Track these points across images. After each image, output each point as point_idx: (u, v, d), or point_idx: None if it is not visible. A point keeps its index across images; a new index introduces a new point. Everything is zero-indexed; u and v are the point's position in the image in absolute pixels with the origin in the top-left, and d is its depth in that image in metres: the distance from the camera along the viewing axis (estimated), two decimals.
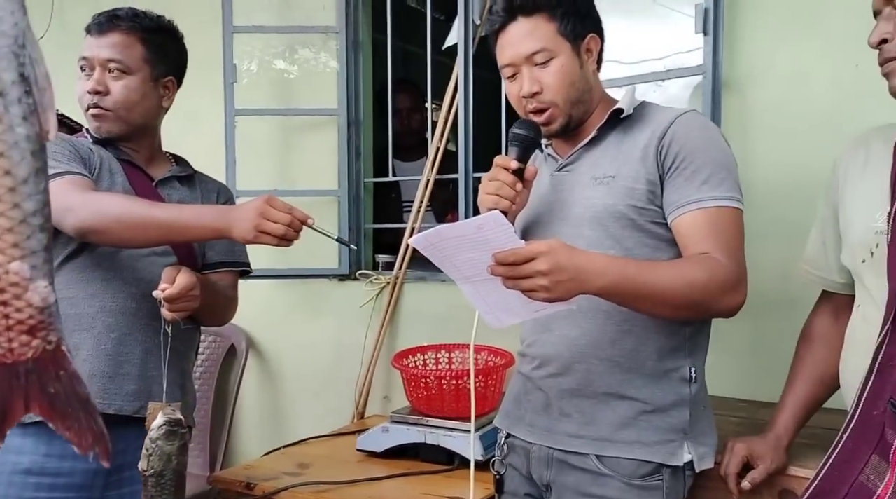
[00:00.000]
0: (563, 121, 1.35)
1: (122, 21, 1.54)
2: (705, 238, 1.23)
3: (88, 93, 1.53)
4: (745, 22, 2.00)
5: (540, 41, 1.31)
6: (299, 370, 2.84)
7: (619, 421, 1.32)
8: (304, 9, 2.75)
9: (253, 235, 1.35)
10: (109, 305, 1.52)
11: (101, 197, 1.44)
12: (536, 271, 1.09)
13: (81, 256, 1.52)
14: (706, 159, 1.26)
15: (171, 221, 1.40)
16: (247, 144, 2.69)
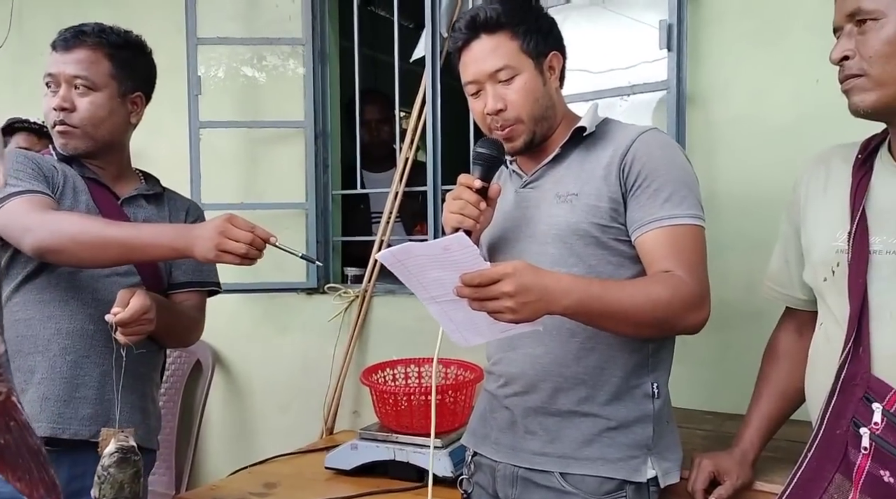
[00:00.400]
0: (526, 138, 1.35)
1: (88, 37, 1.52)
2: (668, 256, 1.24)
3: (54, 110, 1.51)
4: (709, 38, 2.03)
5: (503, 58, 1.32)
6: (267, 386, 2.81)
7: (583, 438, 1.33)
8: (269, 20, 2.72)
9: (214, 254, 1.33)
10: (66, 327, 1.49)
11: (59, 216, 1.41)
12: (502, 293, 1.09)
13: (40, 277, 1.49)
14: (668, 178, 1.27)
15: (129, 240, 1.37)
16: (212, 156, 2.66)
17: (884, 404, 1.06)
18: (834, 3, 1.15)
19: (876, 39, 1.07)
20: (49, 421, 1.46)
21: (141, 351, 1.46)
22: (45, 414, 1.46)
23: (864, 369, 1.09)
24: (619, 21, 2.15)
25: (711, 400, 2.03)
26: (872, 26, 1.07)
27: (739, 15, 1.99)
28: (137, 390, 1.56)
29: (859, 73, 1.09)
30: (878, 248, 1.12)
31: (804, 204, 1.29)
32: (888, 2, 1.06)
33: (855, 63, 1.10)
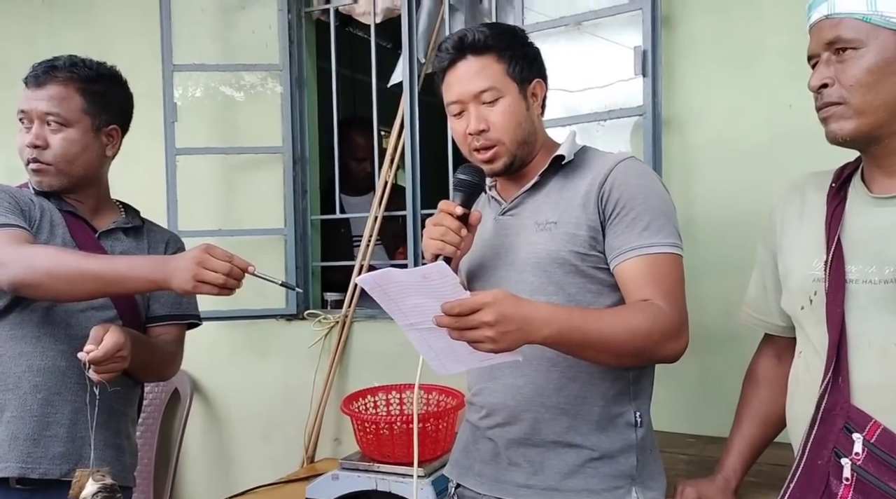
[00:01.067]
0: (507, 160, 1.35)
1: (59, 72, 1.50)
2: (646, 285, 1.25)
3: (28, 146, 1.49)
4: (683, 63, 2.06)
5: (489, 80, 1.32)
6: (246, 414, 2.77)
7: (567, 469, 1.32)
8: (246, 46, 2.71)
9: (192, 285, 1.31)
10: (37, 364, 1.46)
11: (34, 250, 1.40)
12: (482, 322, 1.08)
13: (13, 312, 1.47)
14: (646, 207, 1.28)
15: (106, 273, 1.35)
16: (189, 182, 2.63)
17: (864, 435, 1.06)
18: (808, 30, 1.16)
19: (856, 68, 1.08)
20: (18, 460, 1.43)
21: (115, 388, 1.43)
22: (14, 453, 1.43)
23: (843, 399, 1.10)
24: (595, 43, 2.17)
25: (693, 423, 2.03)
26: (852, 55, 1.08)
27: (713, 41, 2.02)
28: (111, 427, 1.53)
29: (839, 101, 1.10)
30: (854, 277, 1.13)
31: (780, 231, 1.30)
32: (867, 31, 1.07)
33: (834, 91, 1.10)
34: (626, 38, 2.08)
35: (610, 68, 2.08)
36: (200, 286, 1.31)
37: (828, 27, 1.10)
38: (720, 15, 2.02)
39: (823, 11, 1.11)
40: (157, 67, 2.62)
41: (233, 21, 2.73)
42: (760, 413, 1.41)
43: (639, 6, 2.00)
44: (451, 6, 2.45)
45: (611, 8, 2.07)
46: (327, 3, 2.68)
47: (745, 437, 1.42)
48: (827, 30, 1.10)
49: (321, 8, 2.71)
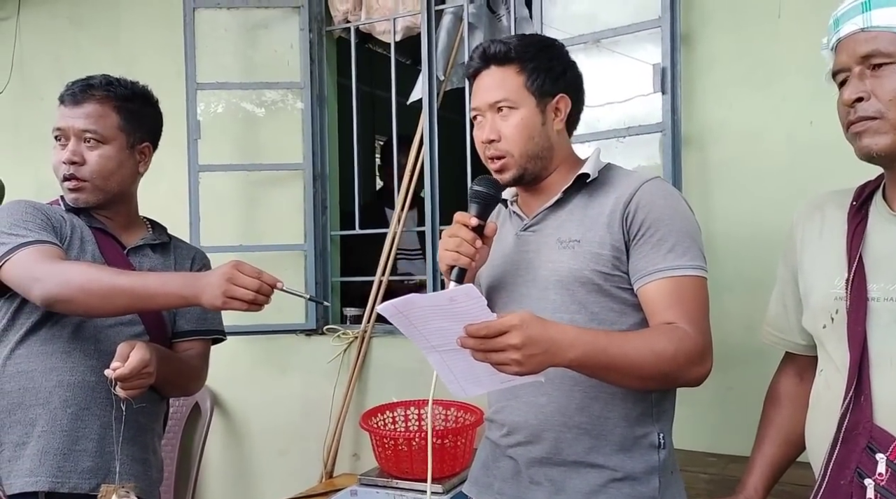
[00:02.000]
0: (515, 172, 1.35)
1: (96, 90, 1.53)
2: (670, 307, 1.24)
3: (64, 163, 1.51)
4: (703, 81, 2.06)
5: (505, 92, 1.33)
6: (266, 428, 2.78)
7: (589, 489, 1.30)
8: (268, 64, 2.76)
9: (221, 301, 1.31)
10: (67, 379, 1.48)
11: (67, 266, 1.41)
12: (509, 345, 1.07)
13: (44, 328, 1.49)
14: (671, 228, 1.27)
15: (137, 289, 1.37)
16: (211, 199, 2.67)
17: (888, 455, 1.05)
18: (833, 45, 1.15)
19: (894, 82, 1.06)
20: (48, 475, 1.44)
21: (142, 405, 1.45)
22: (45, 468, 1.44)
23: (865, 418, 1.08)
24: (614, 60, 2.17)
25: (714, 442, 2.01)
26: (891, 69, 1.06)
27: (732, 58, 2.02)
28: (138, 442, 1.54)
29: (875, 116, 1.07)
30: (876, 295, 1.12)
31: (800, 250, 1.29)
32: None
33: (871, 105, 1.08)
34: (645, 55, 2.08)
35: (629, 85, 2.08)
36: (230, 302, 1.32)
37: (863, 41, 1.08)
38: (740, 33, 2.02)
39: (859, 24, 1.08)
40: (180, 85, 2.66)
41: (255, 40, 2.77)
42: (782, 432, 1.40)
43: (658, 24, 2.01)
44: (470, 24, 2.47)
45: (630, 25, 2.08)
46: (348, 22, 2.72)
47: (766, 456, 1.40)
48: (862, 43, 1.08)
49: (342, 27, 2.75)
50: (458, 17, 2.52)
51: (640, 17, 2.07)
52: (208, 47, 2.70)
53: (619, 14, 2.14)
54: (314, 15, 2.71)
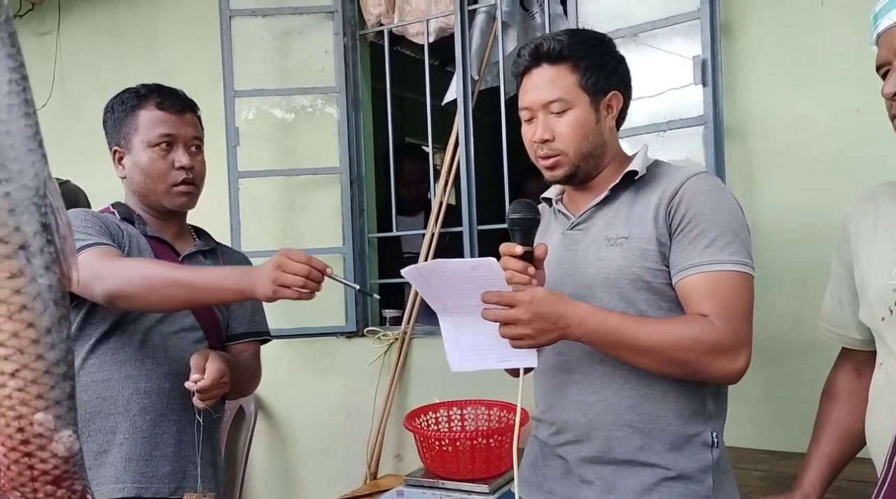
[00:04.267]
0: (568, 170, 1.34)
1: (187, 103, 1.61)
2: (703, 301, 1.22)
3: (183, 168, 1.55)
4: (744, 72, 2.03)
5: (559, 91, 1.31)
6: (309, 431, 2.81)
7: (642, 488, 1.29)
8: (303, 70, 2.78)
9: (272, 290, 1.30)
10: (144, 386, 1.51)
11: (128, 262, 1.45)
12: (518, 319, 1.15)
13: (113, 336, 1.51)
14: (712, 222, 1.25)
15: (196, 282, 1.38)
16: (250, 204, 2.70)
17: None
18: (875, 38, 1.14)
19: None
20: (133, 481, 1.47)
21: (218, 415, 1.49)
22: (129, 474, 1.47)
23: None
24: (652, 54, 2.14)
25: (765, 438, 1.98)
26: None
27: (774, 48, 1.99)
28: (208, 445, 1.57)
29: None
30: None
31: (854, 243, 1.27)
32: None
33: None
34: (683, 48, 2.06)
35: (668, 78, 2.06)
36: (281, 291, 1.30)
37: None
38: (780, 23, 1.98)
39: (894, 18, 1.08)
40: (218, 93, 2.70)
41: (290, 46, 2.80)
42: (840, 428, 1.37)
43: (697, 16, 1.99)
44: (504, 23, 2.46)
45: (667, 18, 2.05)
46: (381, 25, 2.73)
47: (823, 453, 1.38)
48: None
49: (375, 30, 2.76)
50: (492, 16, 2.52)
51: (678, 10, 2.04)
52: (244, 55, 2.73)
53: (655, 7, 2.11)
54: (348, 19, 2.72)
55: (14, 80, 0.48)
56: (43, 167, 0.49)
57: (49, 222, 0.49)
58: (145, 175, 1.55)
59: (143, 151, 1.54)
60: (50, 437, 0.51)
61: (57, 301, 0.50)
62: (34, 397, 0.50)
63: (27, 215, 0.48)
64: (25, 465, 0.51)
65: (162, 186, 1.55)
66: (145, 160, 1.54)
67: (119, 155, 1.58)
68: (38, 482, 0.52)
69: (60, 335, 0.51)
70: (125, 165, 1.57)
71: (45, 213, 0.49)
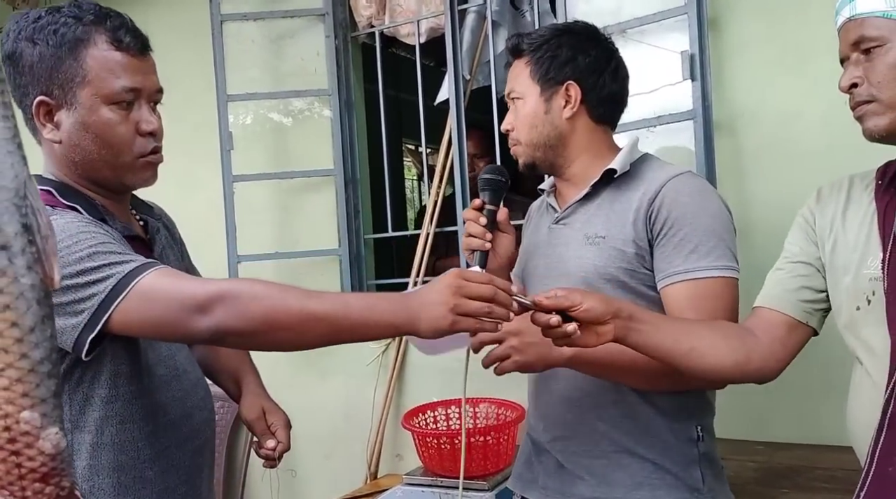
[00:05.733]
0: (524, 160, 1.40)
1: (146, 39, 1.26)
2: (686, 311, 1.22)
3: (152, 134, 1.20)
4: (732, 66, 2.03)
5: (513, 83, 1.39)
6: (309, 432, 2.80)
7: (633, 481, 1.30)
8: (295, 73, 2.79)
9: (451, 321, 1.01)
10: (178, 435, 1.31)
11: (230, 287, 1.06)
12: (506, 332, 1.16)
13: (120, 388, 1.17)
14: (695, 227, 1.24)
15: (337, 317, 1.04)
16: (246, 207, 2.71)
17: None
18: (838, 35, 1.16)
19: (882, 65, 1.08)
20: None
21: None
22: None
23: None
24: (640, 49, 2.15)
25: (760, 430, 1.99)
26: (878, 52, 1.08)
27: (762, 42, 2.00)
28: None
29: (869, 100, 1.10)
30: None
31: (820, 231, 1.26)
32: (890, 28, 1.07)
33: (864, 90, 1.10)
34: (671, 44, 2.06)
35: (658, 74, 2.06)
36: (461, 321, 1.01)
37: (852, 28, 1.11)
38: (768, 16, 1.99)
39: (846, 14, 1.12)
40: (211, 98, 2.71)
41: (282, 50, 2.81)
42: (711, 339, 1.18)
43: (684, 10, 1.99)
44: (494, 21, 2.47)
45: (655, 14, 2.06)
46: (372, 27, 2.74)
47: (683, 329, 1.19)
48: (852, 31, 1.11)
49: (367, 32, 2.77)
50: (482, 15, 2.53)
51: (665, 6, 2.05)
52: (236, 59, 2.74)
53: (643, 3, 2.12)
54: (339, 21, 2.74)
55: None
56: (22, 169, 0.50)
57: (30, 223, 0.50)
58: (101, 142, 1.15)
59: (95, 108, 1.13)
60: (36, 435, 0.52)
61: (40, 300, 0.51)
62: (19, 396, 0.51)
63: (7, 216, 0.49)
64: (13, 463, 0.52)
65: (126, 158, 1.18)
66: (101, 122, 1.13)
67: (46, 109, 1.13)
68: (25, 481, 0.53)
69: (44, 334, 0.52)
70: (59, 123, 1.14)
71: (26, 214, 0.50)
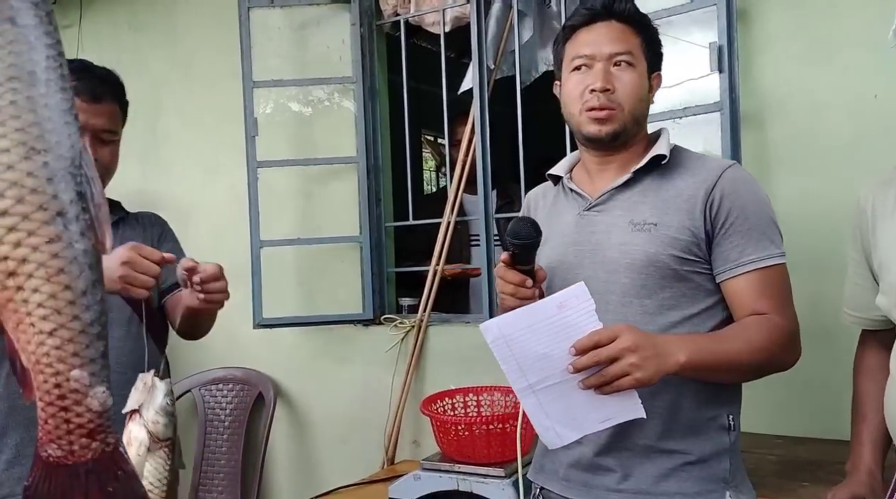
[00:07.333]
0: (618, 127, 1.31)
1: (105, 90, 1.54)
2: (760, 298, 1.24)
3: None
4: (761, 58, 2.02)
5: (629, 46, 1.32)
6: (327, 417, 2.84)
7: (660, 473, 1.29)
8: (320, 61, 2.80)
9: None
10: None
11: None
12: (623, 349, 1.08)
13: None
14: (759, 216, 1.26)
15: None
16: (269, 194, 2.73)
17: None
18: None
19: None
20: None
21: None
22: None
23: None
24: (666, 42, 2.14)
25: (780, 424, 1.98)
26: None
27: (791, 34, 1.98)
28: None
29: None
30: None
31: (871, 227, 1.27)
32: None
33: None
34: (698, 36, 2.05)
35: (685, 65, 2.05)
36: None
37: None
38: (797, 9, 1.98)
39: None
40: (236, 85, 2.73)
41: (308, 37, 2.83)
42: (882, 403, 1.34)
43: (713, 2, 1.98)
44: (520, 11, 2.47)
45: (684, 5, 2.05)
46: (397, 15, 2.75)
47: (874, 427, 1.34)
48: None
49: (392, 20, 2.78)
50: (508, 5, 2.52)
51: None
52: (262, 46, 2.76)
53: None
54: (364, 9, 2.74)
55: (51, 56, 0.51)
56: (78, 139, 0.52)
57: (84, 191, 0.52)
58: None
59: None
60: (85, 392, 0.55)
61: (91, 265, 0.54)
62: (70, 355, 0.53)
63: (64, 184, 0.51)
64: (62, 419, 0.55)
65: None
66: None
67: None
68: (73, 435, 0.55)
69: (94, 298, 0.54)
70: None
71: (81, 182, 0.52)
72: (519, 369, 1.13)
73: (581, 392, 1.12)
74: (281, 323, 2.73)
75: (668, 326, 1.26)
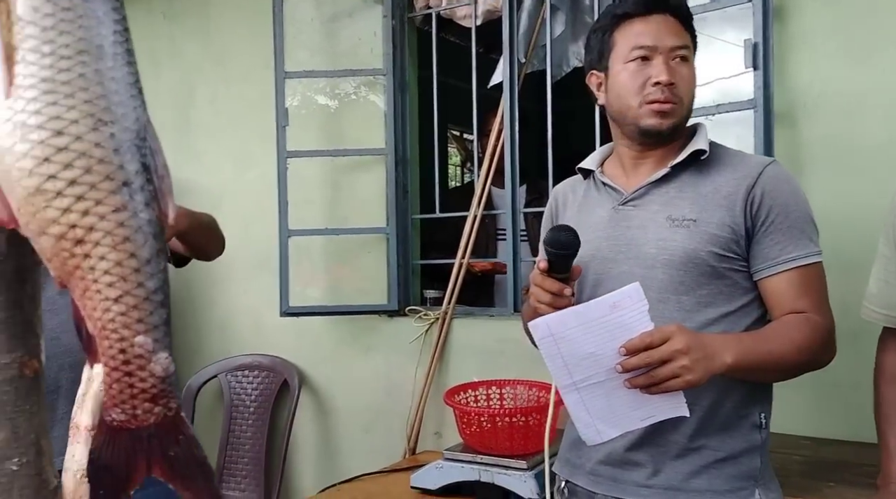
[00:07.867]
0: (677, 121, 1.32)
1: None
2: (800, 297, 1.24)
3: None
4: (796, 56, 2.01)
5: (686, 40, 1.33)
6: (351, 406, 2.87)
7: (691, 470, 1.28)
8: (351, 52, 2.83)
9: None
10: None
11: None
12: (675, 351, 1.07)
13: None
14: (799, 214, 1.27)
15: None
16: (298, 184, 2.76)
17: None
18: None
19: None
20: None
21: None
22: None
23: None
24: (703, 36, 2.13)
25: (807, 425, 1.97)
26: None
27: (828, 33, 1.97)
28: None
29: None
30: None
31: None
32: None
33: None
34: (733, 31, 2.04)
35: (718, 61, 2.04)
36: None
37: None
38: (836, 7, 1.96)
39: None
40: (268, 75, 2.76)
41: (340, 29, 2.85)
42: None
43: None
44: (553, 6, 2.47)
45: (718, 1, 2.04)
46: (429, 8, 2.76)
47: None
48: None
49: (423, 13, 2.79)
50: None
51: None
52: (294, 37, 2.79)
53: None
54: (397, 2, 2.76)
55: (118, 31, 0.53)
56: (143, 112, 0.54)
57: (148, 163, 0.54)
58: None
59: None
60: (149, 358, 0.57)
61: (156, 235, 0.56)
62: (135, 321, 0.56)
63: (130, 155, 0.53)
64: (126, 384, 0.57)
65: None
66: None
67: None
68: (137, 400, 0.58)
69: (158, 266, 0.56)
70: None
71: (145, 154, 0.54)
72: (564, 367, 1.13)
73: (625, 390, 1.12)
74: (307, 312, 2.76)
75: (704, 323, 1.26)
